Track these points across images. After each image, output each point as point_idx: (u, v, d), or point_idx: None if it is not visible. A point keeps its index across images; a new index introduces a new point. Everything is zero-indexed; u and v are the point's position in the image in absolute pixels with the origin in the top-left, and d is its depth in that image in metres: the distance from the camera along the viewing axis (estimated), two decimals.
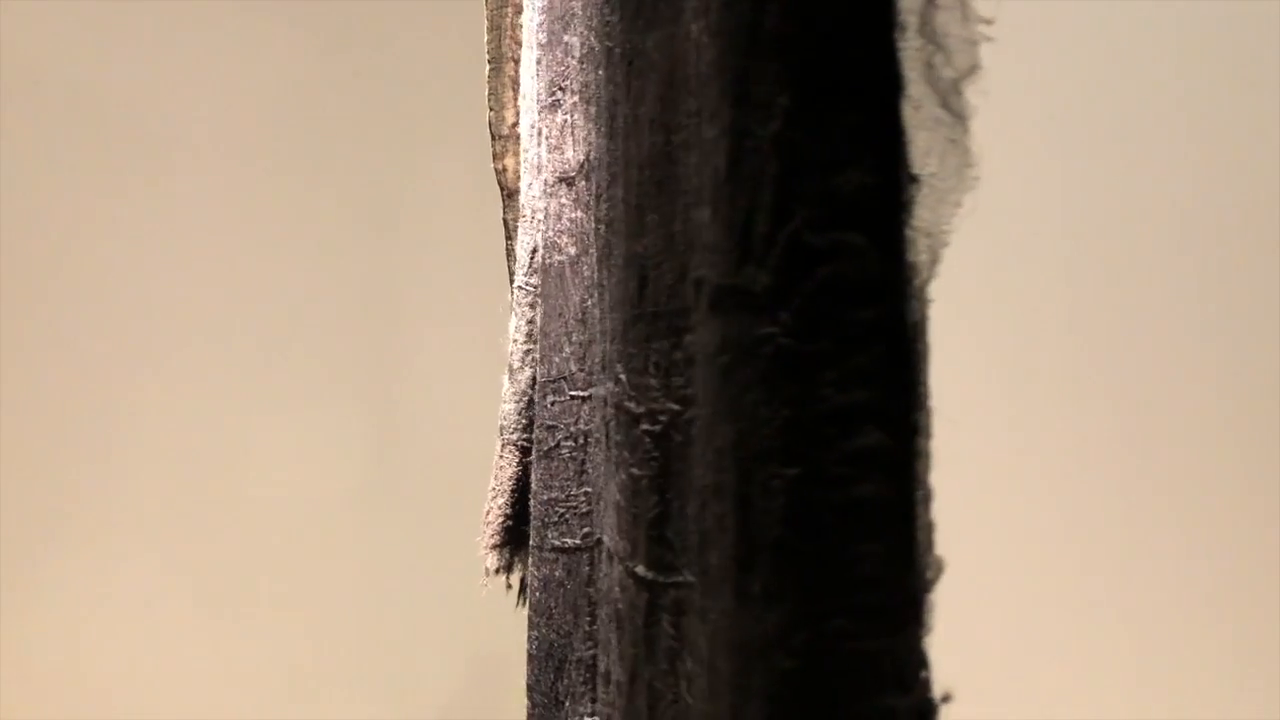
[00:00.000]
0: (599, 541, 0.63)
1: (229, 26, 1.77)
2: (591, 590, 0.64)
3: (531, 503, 0.71)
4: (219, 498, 1.76)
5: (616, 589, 0.52)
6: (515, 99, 0.89)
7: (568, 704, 0.66)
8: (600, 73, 0.60)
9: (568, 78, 0.69)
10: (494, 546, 0.79)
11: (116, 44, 1.77)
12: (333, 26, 1.67)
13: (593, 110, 0.63)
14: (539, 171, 0.78)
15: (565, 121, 0.69)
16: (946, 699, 0.32)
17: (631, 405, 0.48)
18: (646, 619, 0.46)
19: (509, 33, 0.90)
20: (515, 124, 0.89)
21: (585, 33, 0.64)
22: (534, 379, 0.80)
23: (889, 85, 0.31)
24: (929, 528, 0.32)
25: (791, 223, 0.31)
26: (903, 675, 0.31)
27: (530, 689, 0.70)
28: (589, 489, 0.64)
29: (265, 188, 1.77)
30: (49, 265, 1.74)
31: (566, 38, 0.69)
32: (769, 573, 0.31)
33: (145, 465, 1.75)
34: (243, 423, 1.77)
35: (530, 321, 0.81)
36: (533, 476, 0.71)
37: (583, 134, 0.65)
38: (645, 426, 0.46)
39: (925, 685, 0.32)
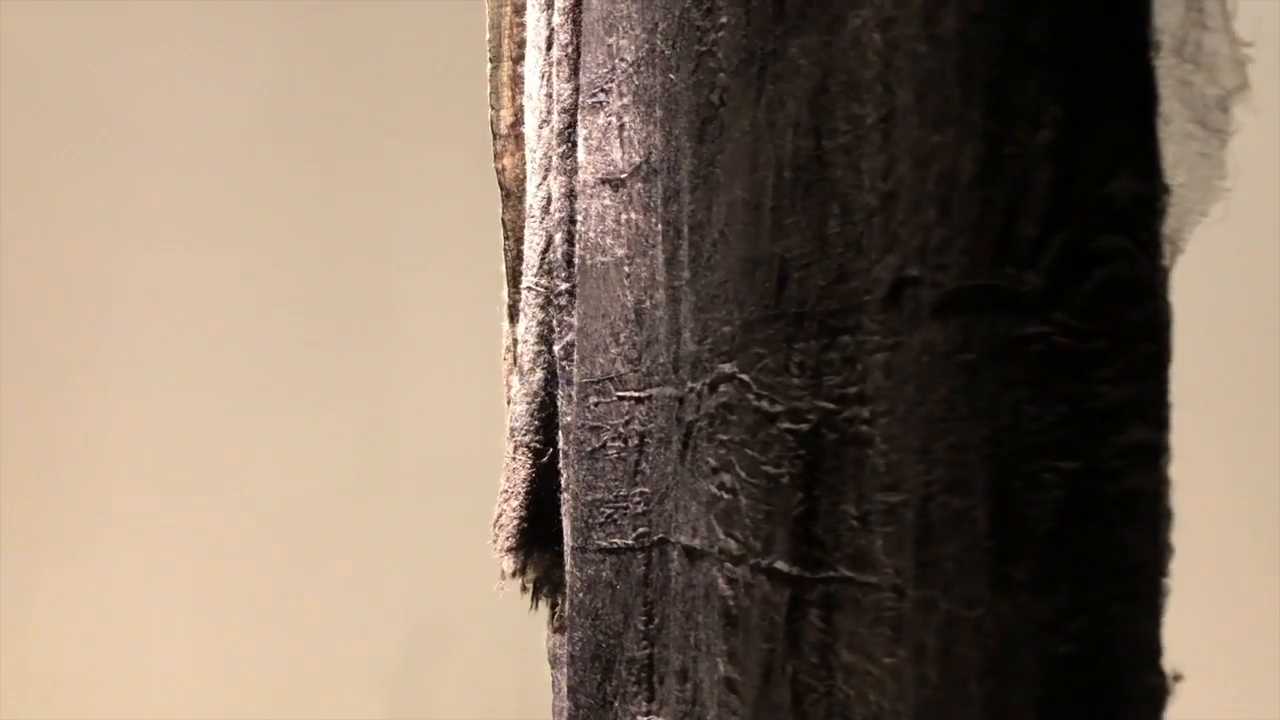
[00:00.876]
0: (661, 541, 0.63)
1: (220, 26, 1.77)
2: (647, 590, 0.64)
3: (571, 504, 0.70)
4: (211, 498, 1.77)
5: (724, 587, 0.52)
6: (513, 98, 0.89)
7: (617, 704, 0.66)
8: (675, 75, 0.60)
9: (613, 80, 0.69)
10: (510, 549, 0.78)
11: (109, 43, 1.76)
12: (327, 27, 1.64)
13: (658, 113, 0.63)
14: (563, 173, 0.77)
15: (610, 123, 0.69)
16: (1178, 678, 0.34)
17: (764, 404, 0.48)
18: (790, 614, 0.46)
19: (508, 32, 0.90)
20: (514, 123, 0.88)
21: (645, 36, 0.65)
22: (547, 380, 0.80)
23: (1148, 99, 0.33)
24: (1169, 515, 0.34)
25: (1067, 227, 0.32)
26: (1156, 656, 0.33)
27: (573, 690, 0.69)
28: (645, 489, 0.65)
29: (259, 189, 1.79)
30: (43, 268, 1.73)
31: (611, 40, 0.69)
32: (1040, 562, 0.32)
33: (137, 465, 1.75)
34: (236, 422, 1.79)
35: (542, 323, 0.81)
36: (570, 477, 0.71)
37: (639, 136, 0.65)
38: (786, 425, 0.47)
39: (1162, 665, 0.34)
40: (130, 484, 1.74)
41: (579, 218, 0.71)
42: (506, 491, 0.80)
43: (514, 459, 0.80)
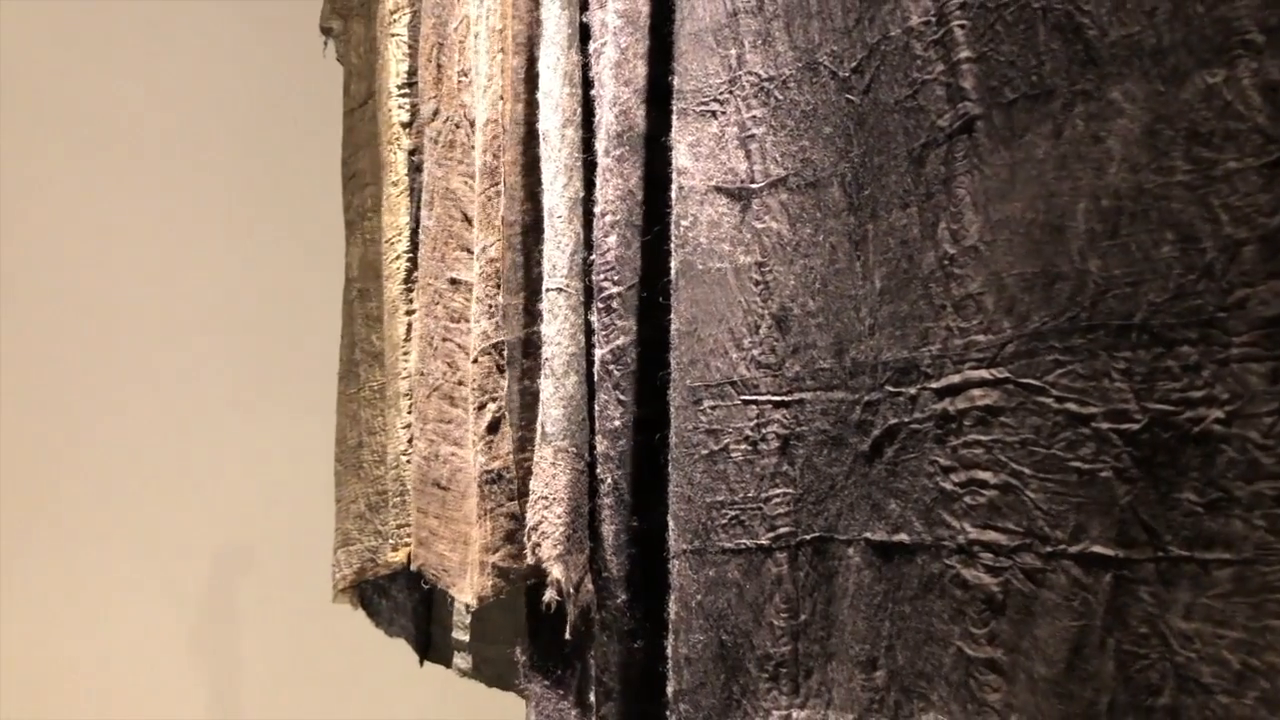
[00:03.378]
0: (819, 540, 0.65)
1: (210, 25, 1.82)
2: (789, 587, 0.66)
3: (683, 508, 0.70)
4: (197, 500, 1.81)
5: (982, 576, 0.57)
6: (513, 92, 0.86)
7: (745, 702, 0.67)
8: (863, 98, 0.64)
9: (734, 91, 0.70)
10: (557, 557, 0.76)
11: (89, 43, 1.79)
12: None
13: (824, 129, 0.66)
14: (619, 175, 0.77)
15: (728, 133, 0.70)
16: None
17: (1070, 406, 0.54)
18: (1113, 593, 0.52)
19: (511, 26, 0.87)
20: (513, 118, 0.86)
21: (795, 54, 0.67)
22: (580, 384, 0.79)
23: None
24: None
25: None
26: None
27: (687, 693, 0.69)
28: (788, 490, 0.67)
29: (241, 191, 1.81)
30: (32, 271, 1.77)
31: (728, 52, 0.71)
32: None
33: (124, 466, 1.80)
34: (222, 423, 1.83)
35: (575, 325, 0.80)
36: (680, 480, 0.71)
37: (781, 149, 0.68)
38: (1106, 425, 0.52)
39: None
40: (112, 485, 1.77)
41: (684, 222, 0.72)
42: (546, 498, 0.77)
43: (554, 464, 0.78)
